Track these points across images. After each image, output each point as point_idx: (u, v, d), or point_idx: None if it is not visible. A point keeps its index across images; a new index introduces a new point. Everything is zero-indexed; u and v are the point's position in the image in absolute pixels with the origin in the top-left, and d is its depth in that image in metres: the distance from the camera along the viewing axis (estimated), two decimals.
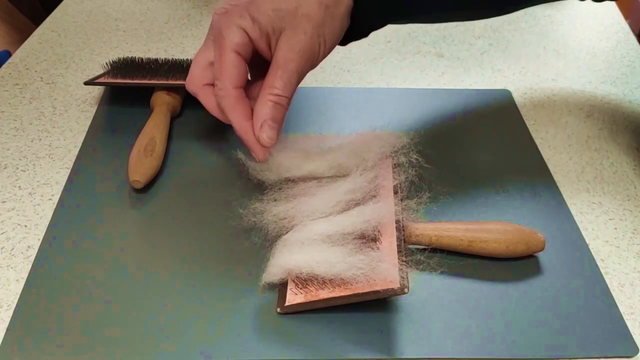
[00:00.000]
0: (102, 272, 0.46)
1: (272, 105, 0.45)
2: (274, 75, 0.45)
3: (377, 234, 0.45)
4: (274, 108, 0.45)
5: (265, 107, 0.45)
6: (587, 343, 0.42)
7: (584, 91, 0.70)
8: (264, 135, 0.45)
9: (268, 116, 0.45)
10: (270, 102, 0.45)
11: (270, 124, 0.45)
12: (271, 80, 0.45)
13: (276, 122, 0.46)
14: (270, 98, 0.45)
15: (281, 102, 0.45)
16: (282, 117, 0.46)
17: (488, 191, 0.54)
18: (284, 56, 0.44)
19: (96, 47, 0.77)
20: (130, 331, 0.42)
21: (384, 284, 0.41)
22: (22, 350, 0.41)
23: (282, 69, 0.44)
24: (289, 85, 0.45)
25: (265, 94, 0.45)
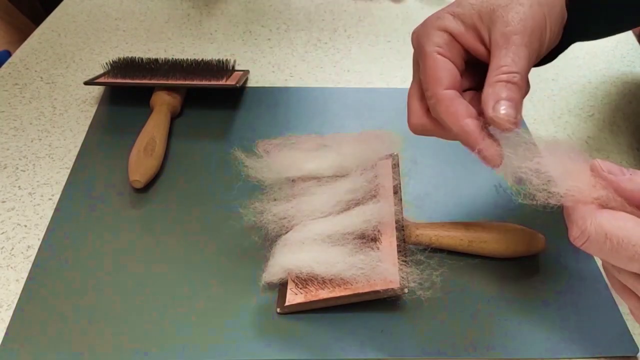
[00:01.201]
0: (102, 272, 0.46)
1: (503, 84, 0.37)
2: (497, 55, 0.37)
3: (377, 234, 0.45)
4: (506, 87, 0.37)
5: (495, 87, 0.37)
6: (587, 343, 0.42)
7: (584, 91, 0.70)
8: (499, 113, 0.36)
9: (500, 96, 0.36)
10: (500, 81, 0.37)
11: (506, 103, 0.36)
12: (496, 61, 0.37)
13: (513, 100, 0.37)
14: (498, 77, 0.37)
15: (512, 79, 0.37)
16: (519, 98, 0.37)
17: (488, 191, 0.54)
18: (504, 32, 0.37)
19: (96, 47, 0.77)
20: (130, 331, 0.42)
21: (384, 284, 0.41)
22: (22, 350, 0.41)
23: (505, 46, 0.37)
24: (518, 59, 0.37)
25: (492, 77, 0.37)
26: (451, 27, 0.39)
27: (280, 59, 0.76)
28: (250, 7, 0.89)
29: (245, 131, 0.61)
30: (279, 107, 0.66)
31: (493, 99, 0.37)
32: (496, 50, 0.38)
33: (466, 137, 0.38)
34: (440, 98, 0.38)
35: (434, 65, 0.39)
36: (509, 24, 0.38)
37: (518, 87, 0.37)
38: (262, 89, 0.69)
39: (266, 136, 0.53)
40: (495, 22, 0.38)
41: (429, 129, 0.41)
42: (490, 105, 0.37)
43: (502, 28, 0.38)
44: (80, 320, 0.43)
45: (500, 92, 0.37)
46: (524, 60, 0.38)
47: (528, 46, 0.38)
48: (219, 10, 0.87)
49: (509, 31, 0.37)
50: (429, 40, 0.40)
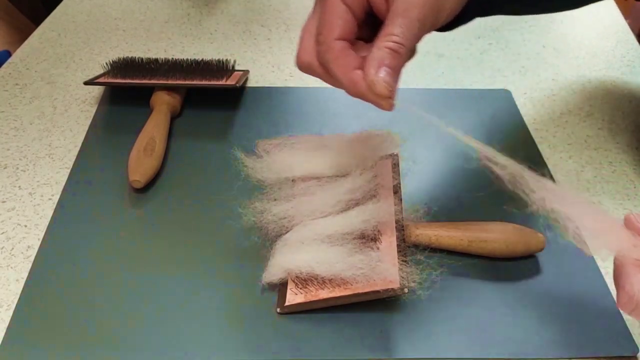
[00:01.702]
0: (102, 272, 0.46)
1: (388, 51, 0.38)
2: (392, 22, 0.38)
3: (377, 234, 0.45)
4: (391, 55, 0.38)
5: (381, 52, 0.38)
6: (587, 343, 0.42)
7: (583, 91, 0.70)
8: (379, 79, 0.38)
9: (384, 63, 0.38)
10: (387, 48, 0.38)
11: (388, 71, 0.38)
12: (389, 27, 0.38)
13: (395, 70, 0.38)
14: (388, 44, 0.38)
15: (399, 49, 0.38)
16: (400, 68, 0.39)
17: (488, 191, 0.54)
18: (404, 2, 0.38)
19: (96, 47, 0.77)
20: (129, 331, 0.42)
21: (384, 284, 0.41)
22: (22, 350, 0.41)
23: (402, 15, 0.38)
24: (408, 34, 0.38)
25: (381, 41, 0.38)
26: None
27: (280, 59, 0.76)
28: (250, 6, 0.89)
29: (245, 131, 0.61)
30: (279, 107, 0.66)
31: (377, 62, 0.38)
32: (393, 16, 0.39)
33: (354, 87, 0.39)
34: (331, 47, 0.39)
35: (333, 11, 0.40)
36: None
37: (402, 58, 0.39)
38: (262, 89, 0.69)
39: (266, 136, 0.53)
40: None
41: (316, 71, 0.42)
42: (373, 66, 0.38)
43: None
44: (80, 320, 0.43)
45: (384, 58, 0.38)
46: (414, 34, 0.39)
47: (422, 21, 0.39)
48: (218, 10, 0.87)
49: (408, 3, 0.38)
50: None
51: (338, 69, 0.39)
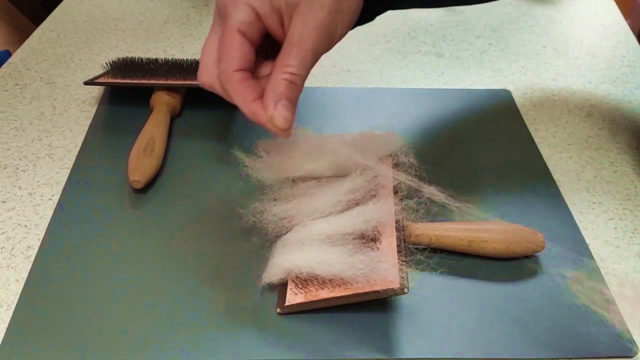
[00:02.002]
0: (102, 272, 0.46)
1: (286, 84, 0.40)
2: (289, 53, 0.40)
3: (377, 234, 0.45)
4: (289, 87, 0.41)
5: (280, 86, 0.40)
6: (587, 343, 0.42)
7: (583, 91, 0.70)
8: (278, 115, 0.41)
9: (282, 95, 0.40)
10: (285, 80, 0.40)
11: (285, 104, 0.41)
12: (285, 58, 0.40)
13: (291, 103, 0.41)
14: (285, 77, 0.40)
15: (296, 81, 0.41)
16: (297, 99, 0.42)
17: (488, 191, 0.54)
18: (300, 33, 0.40)
19: (96, 47, 0.77)
20: (129, 331, 0.42)
21: (384, 284, 0.41)
22: (22, 350, 0.41)
23: (297, 47, 0.40)
24: (304, 64, 0.41)
25: (279, 72, 0.41)
26: (259, 6, 0.41)
27: None
28: None
29: (245, 131, 0.61)
30: None
31: (275, 96, 0.40)
32: (288, 45, 0.40)
33: (256, 118, 0.42)
34: (230, 78, 0.41)
35: (233, 42, 0.41)
36: (306, 25, 0.40)
37: (298, 88, 0.41)
38: None
39: (266, 136, 0.53)
40: (296, 16, 0.40)
41: (217, 91, 0.44)
42: (272, 100, 0.40)
43: (299, 27, 0.40)
44: (80, 320, 0.43)
45: (282, 91, 0.40)
46: (309, 63, 0.41)
47: (315, 50, 0.41)
48: None
49: (304, 33, 0.40)
50: (236, 12, 0.41)
51: (238, 99, 0.42)
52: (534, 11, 0.88)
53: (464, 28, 0.83)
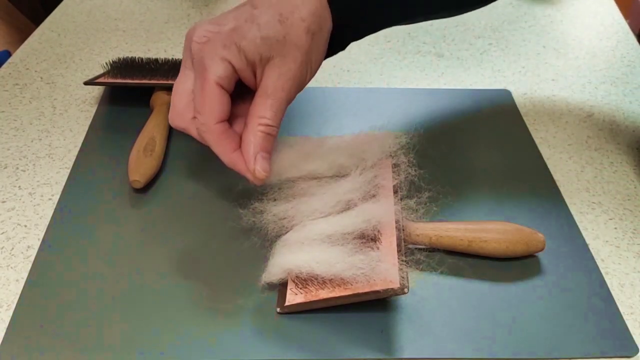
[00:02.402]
0: (101, 272, 0.46)
1: (263, 136, 0.43)
2: (264, 104, 0.43)
3: (377, 234, 0.45)
4: (265, 139, 0.44)
5: (257, 138, 0.43)
6: (587, 343, 0.42)
7: (583, 91, 0.70)
8: (258, 168, 0.44)
9: (260, 147, 0.43)
10: (261, 132, 0.43)
11: (264, 155, 0.44)
12: (260, 109, 0.43)
13: (268, 153, 0.44)
14: (261, 129, 0.43)
15: (272, 132, 0.44)
16: (272, 147, 0.45)
17: (488, 191, 0.54)
18: (274, 85, 0.43)
19: (96, 47, 0.77)
20: (129, 331, 0.42)
21: (384, 284, 0.41)
22: (22, 350, 0.41)
23: (272, 98, 0.43)
24: (278, 114, 0.44)
25: (255, 124, 0.43)
26: (235, 61, 0.42)
27: None
28: None
29: None
30: None
31: (253, 149, 0.43)
32: (262, 97, 0.43)
33: (236, 167, 0.44)
34: (211, 130, 0.43)
35: (212, 96, 0.43)
36: (279, 78, 0.43)
37: (274, 138, 0.44)
38: None
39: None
40: (271, 68, 0.43)
41: (191, 134, 0.46)
42: (251, 155, 0.43)
43: (273, 79, 0.43)
44: (80, 320, 0.43)
45: (261, 143, 0.43)
46: (282, 114, 0.44)
47: (288, 101, 0.44)
48: (219, 10, 0.87)
49: (277, 86, 0.43)
50: (214, 66, 0.42)
51: (218, 150, 0.44)
52: (534, 11, 0.88)
53: (464, 28, 0.83)
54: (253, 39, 0.42)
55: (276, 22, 0.42)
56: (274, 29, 0.42)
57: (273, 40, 0.42)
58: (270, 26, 0.42)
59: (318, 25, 0.44)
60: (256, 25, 0.42)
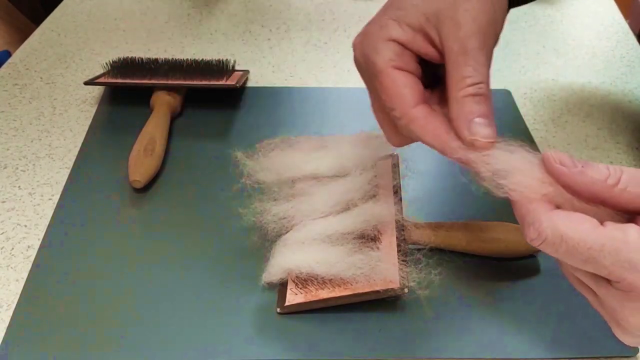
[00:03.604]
0: (102, 272, 0.46)
1: (470, 99, 0.34)
2: (456, 63, 0.34)
3: (376, 234, 0.45)
4: (474, 101, 0.34)
5: (464, 106, 0.34)
6: (587, 343, 0.42)
7: (583, 91, 0.70)
8: (477, 136, 0.34)
9: (473, 114, 0.34)
10: (467, 96, 0.34)
11: (481, 122, 0.34)
12: (455, 71, 0.34)
13: (486, 117, 0.34)
14: (464, 92, 0.34)
15: (480, 90, 0.34)
16: (491, 110, 0.35)
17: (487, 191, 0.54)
18: (457, 37, 0.34)
19: (96, 47, 0.77)
20: (129, 331, 0.42)
21: (384, 284, 0.41)
22: (22, 350, 0.41)
23: (462, 52, 0.34)
24: (479, 67, 0.34)
25: (456, 90, 0.34)
26: (398, 35, 0.36)
27: (280, 59, 0.76)
28: (250, 7, 0.89)
29: (245, 131, 0.61)
30: (279, 107, 0.66)
31: (466, 119, 0.34)
32: (453, 57, 0.34)
33: (451, 154, 0.35)
34: (413, 118, 0.35)
35: (394, 83, 0.35)
36: (460, 26, 0.34)
37: (487, 98, 0.35)
38: (262, 89, 0.69)
39: (266, 136, 0.53)
40: (444, 23, 0.34)
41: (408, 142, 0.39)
42: (464, 126, 0.34)
43: (454, 31, 0.34)
44: (80, 320, 0.43)
45: (471, 109, 0.34)
46: (486, 65, 0.35)
47: (485, 48, 0.35)
48: (219, 10, 0.87)
49: (463, 35, 0.34)
50: (379, 54, 0.36)
51: (427, 137, 0.35)
52: (534, 11, 0.88)
53: None
54: (409, 3, 0.35)
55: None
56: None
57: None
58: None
59: None
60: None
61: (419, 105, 0.35)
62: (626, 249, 0.29)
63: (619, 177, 0.31)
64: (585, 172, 0.32)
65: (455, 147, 0.34)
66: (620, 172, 0.31)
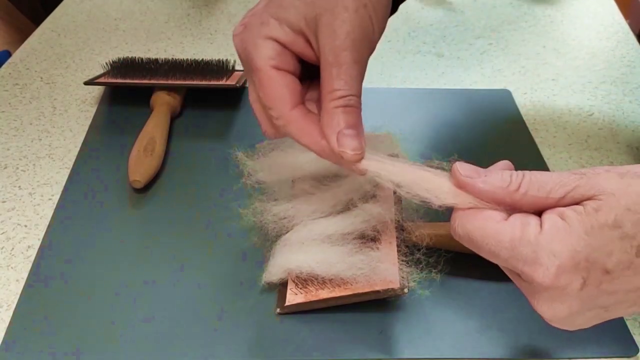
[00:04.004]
0: (101, 272, 0.46)
1: (340, 110, 0.35)
2: (329, 74, 0.35)
3: (376, 234, 0.45)
4: (344, 112, 0.35)
5: (334, 117, 0.35)
6: (587, 343, 0.42)
7: (584, 91, 0.70)
8: (345, 149, 0.35)
9: (341, 125, 0.35)
10: (337, 107, 0.35)
11: (348, 133, 0.35)
12: (328, 82, 0.35)
13: (354, 128, 0.36)
14: (334, 104, 0.35)
15: (350, 102, 0.35)
16: (360, 121, 0.36)
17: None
18: (332, 47, 0.35)
19: (96, 47, 0.77)
20: (129, 331, 0.42)
21: (384, 284, 0.41)
22: (22, 350, 0.41)
23: (336, 63, 0.35)
24: (351, 80, 0.35)
25: (327, 101, 0.35)
26: (278, 35, 0.36)
27: None
28: (250, 7, 0.88)
29: (245, 131, 0.61)
30: None
31: (335, 129, 0.35)
32: (327, 68, 0.35)
33: (327, 156, 0.37)
34: (290, 120, 0.36)
35: (273, 83, 0.36)
36: (336, 36, 0.35)
37: (356, 110, 0.36)
38: None
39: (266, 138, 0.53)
40: (321, 30, 0.35)
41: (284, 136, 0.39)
42: (333, 137, 0.35)
43: (330, 41, 0.35)
44: (80, 320, 0.43)
45: (340, 121, 0.35)
46: (358, 79, 0.36)
47: (359, 62, 0.36)
48: (219, 10, 0.87)
49: (337, 47, 0.35)
50: (259, 52, 0.36)
51: (304, 139, 0.37)
52: (534, 11, 0.88)
53: (464, 28, 0.83)
54: (290, 3, 0.36)
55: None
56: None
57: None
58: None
59: None
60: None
61: (296, 107, 0.36)
62: (519, 244, 0.31)
63: (520, 182, 0.33)
64: (488, 180, 0.33)
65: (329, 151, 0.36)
66: (521, 177, 0.33)
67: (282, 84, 0.36)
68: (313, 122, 0.37)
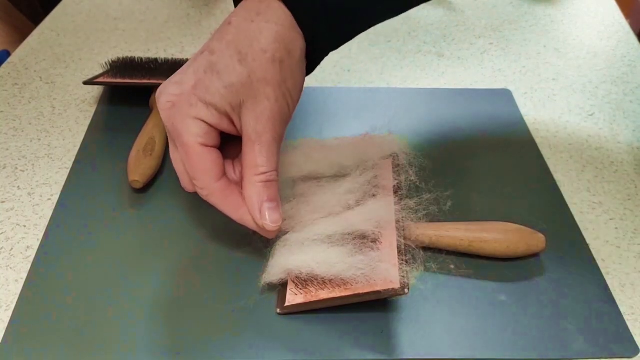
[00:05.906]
0: (101, 272, 0.46)
1: (262, 185, 0.41)
2: (252, 152, 0.40)
3: (377, 234, 0.45)
4: (266, 187, 0.41)
5: (256, 190, 0.41)
6: (587, 344, 0.42)
7: (584, 91, 0.70)
8: (267, 221, 0.41)
9: (263, 198, 0.41)
10: (259, 182, 0.41)
11: (269, 206, 0.41)
12: (251, 159, 0.40)
13: (274, 201, 0.41)
14: (258, 179, 0.40)
15: (270, 178, 0.41)
16: (277, 193, 0.42)
17: (488, 191, 0.54)
18: (255, 130, 0.40)
19: (96, 47, 0.77)
20: (129, 331, 0.42)
21: (385, 284, 0.41)
22: (22, 350, 0.41)
23: (258, 143, 0.40)
24: (271, 158, 0.41)
25: (250, 175, 0.41)
26: (206, 117, 0.40)
27: None
28: None
29: None
30: None
31: (257, 202, 0.41)
32: (250, 145, 0.40)
33: (248, 224, 0.42)
34: (213, 191, 0.42)
35: (200, 159, 0.41)
36: (259, 121, 0.40)
37: (276, 184, 0.41)
38: None
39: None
40: (245, 114, 0.40)
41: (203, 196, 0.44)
42: (256, 209, 0.41)
43: (253, 124, 0.40)
44: (80, 320, 0.43)
45: (261, 194, 0.41)
46: (277, 155, 0.41)
47: (278, 140, 0.41)
48: (218, 10, 0.87)
49: (259, 130, 0.40)
50: (188, 129, 0.40)
51: (226, 209, 0.42)
52: (534, 11, 0.88)
53: (465, 28, 0.83)
54: (216, 90, 0.39)
55: (236, 64, 0.39)
56: (235, 72, 0.39)
57: (237, 85, 0.39)
58: (230, 70, 0.39)
59: (285, 50, 0.40)
60: (216, 74, 0.40)
61: (220, 180, 0.41)
62: None
63: None
64: None
65: (250, 221, 0.42)
66: None
67: (209, 159, 0.41)
68: (233, 193, 0.42)
